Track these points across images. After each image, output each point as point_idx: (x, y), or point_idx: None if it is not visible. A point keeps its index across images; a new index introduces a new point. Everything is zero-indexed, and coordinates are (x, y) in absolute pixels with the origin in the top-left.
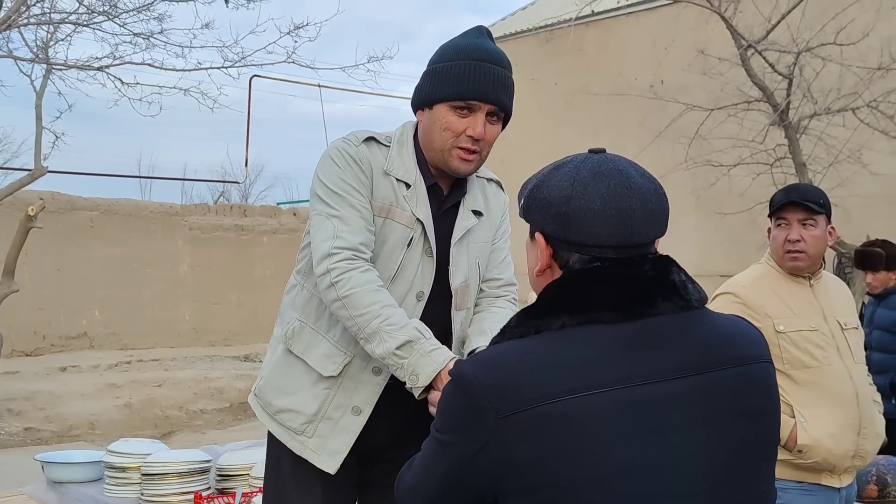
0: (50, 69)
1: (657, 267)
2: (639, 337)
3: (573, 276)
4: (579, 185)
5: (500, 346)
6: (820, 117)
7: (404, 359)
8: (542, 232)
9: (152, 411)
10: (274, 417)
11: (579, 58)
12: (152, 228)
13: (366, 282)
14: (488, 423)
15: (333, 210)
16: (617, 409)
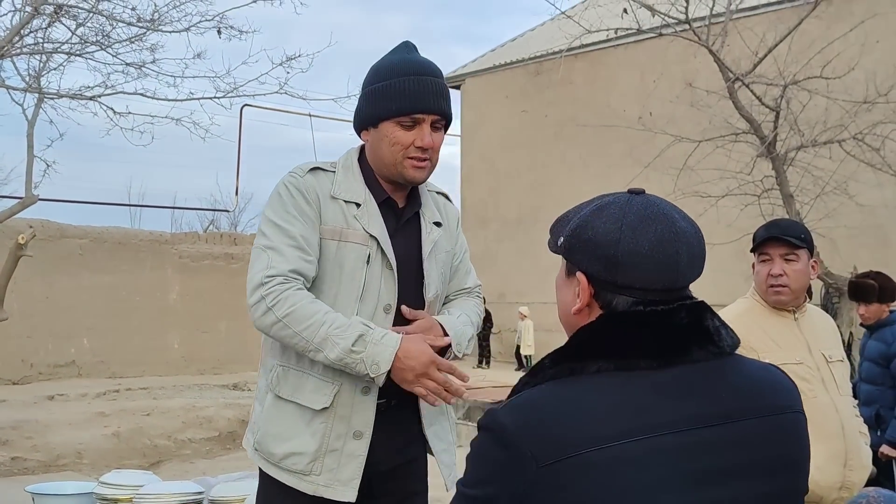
0: (42, 98)
1: (693, 313)
2: (674, 384)
3: (612, 318)
4: (627, 228)
5: (535, 392)
6: (807, 149)
7: (361, 353)
8: (584, 272)
9: (140, 440)
10: (279, 465)
11: (568, 89)
12: (142, 257)
13: (301, 298)
14: (528, 472)
15: (269, 242)
16: (655, 456)
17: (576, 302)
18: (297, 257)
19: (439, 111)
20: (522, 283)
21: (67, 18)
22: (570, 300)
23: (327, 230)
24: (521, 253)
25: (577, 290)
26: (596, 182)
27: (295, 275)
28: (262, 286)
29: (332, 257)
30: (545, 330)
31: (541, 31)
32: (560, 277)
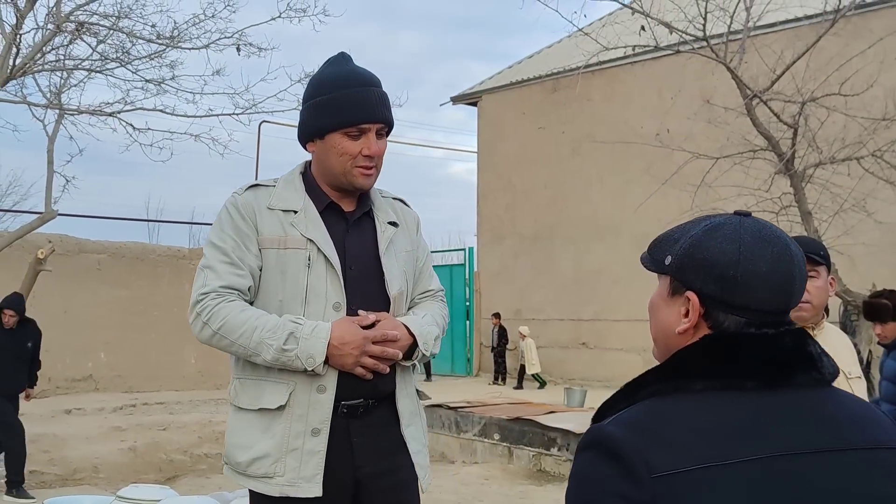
0: (62, 114)
1: (797, 338)
2: (781, 409)
3: (721, 338)
4: (746, 249)
5: (640, 407)
6: (825, 166)
7: (294, 349)
8: (697, 292)
9: (157, 455)
10: (245, 473)
11: (585, 106)
12: (160, 272)
13: (232, 308)
14: (643, 484)
15: (206, 261)
16: (762, 480)
17: (681, 322)
18: (228, 272)
19: (383, 120)
20: (538, 300)
21: (88, 36)
22: (674, 320)
23: (265, 240)
24: (538, 269)
25: (683, 310)
26: (613, 199)
27: (227, 289)
28: (198, 303)
29: (273, 265)
30: (561, 347)
31: (558, 48)
32: (660, 298)
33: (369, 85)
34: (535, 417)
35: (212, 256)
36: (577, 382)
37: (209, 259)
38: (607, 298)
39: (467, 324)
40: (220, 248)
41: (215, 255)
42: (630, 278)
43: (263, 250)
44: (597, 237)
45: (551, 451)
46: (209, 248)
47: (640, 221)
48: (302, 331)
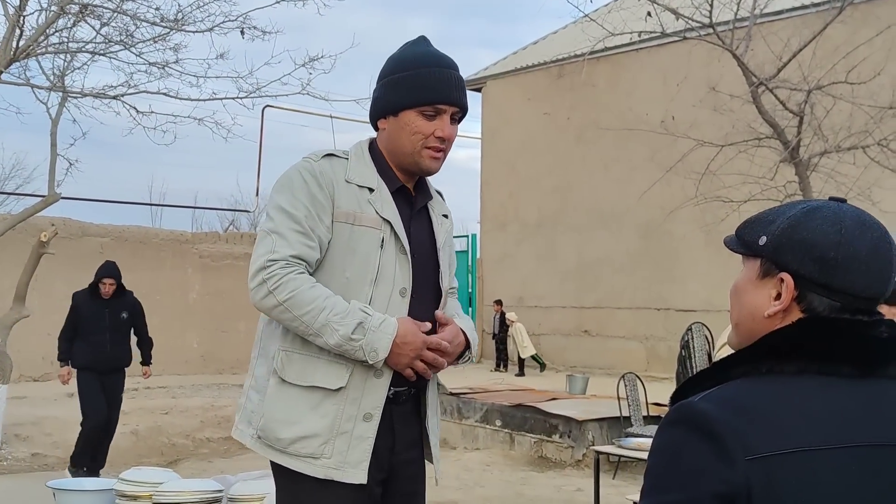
0: (66, 97)
1: (892, 328)
2: (875, 397)
3: (816, 322)
4: (847, 232)
5: (731, 386)
6: (830, 155)
7: (360, 340)
8: (793, 273)
9: (159, 439)
10: (286, 451)
11: (590, 93)
12: (162, 256)
13: (303, 282)
14: (738, 465)
15: (274, 226)
16: (858, 469)
17: (771, 305)
18: (300, 242)
19: (461, 104)
20: (541, 287)
21: (92, 18)
22: (764, 303)
23: (341, 213)
24: (541, 257)
25: (775, 293)
26: (617, 187)
27: (297, 260)
28: (264, 269)
29: (345, 241)
30: (563, 335)
31: (563, 33)
32: (748, 280)
33: (449, 67)
34: (536, 404)
35: (281, 222)
36: (579, 370)
37: (278, 224)
38: (610, 286)
39: (469, 311)
40: (291, 215)
41: (286, 221)
42: (633, 266)
43: (337, 223)
44: (600, 225)
45: (553, 438)
46: (278, 212)
47: (644, 209)
48: (371, 322)
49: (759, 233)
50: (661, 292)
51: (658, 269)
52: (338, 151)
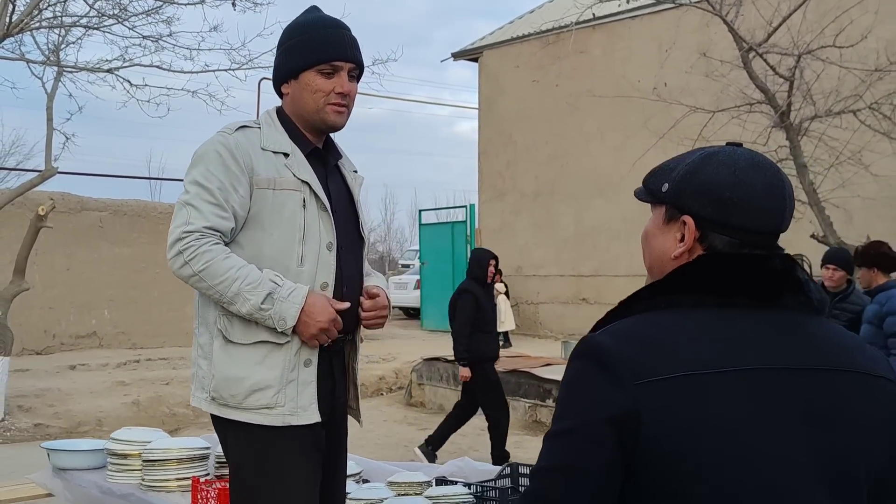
0: (61, 72)
1: (785, 262)
2: (767, 325)
3: (714, 257)
4: (741, 173)
5: (632, 320)
6: (821, 119)
7: (269, 310)
8: (694, 215)
9: (160, 408)
10: (242, 406)
11: (585, 61)
12: (161, 229)
13: (217, 253)
14: (628, 391)
15: (189, 198)
16: (748, 391)
17: (677, 246)
18: (214, 214)
19: (354, 60)
20: (539, 256)
21: None
22: (670, 245)
23: (261, 180)
24: (538, 226)
25: (679, 235)
26: (613, 154)
27: (211, 231)
28: (180, 241)
29: (269, 205)
30: (561, 303)
31: (558, 2)
32: (655, 226)
33: (340, 27)
34: (531, 370)
35: (196, 194)
36: (576, 338)
37: (192, 197)
38: (607, 254)
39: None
40: (205, 188)
41: (200, 193)
42: (629, 234)
43: (259, 190)
44: (597, 193)
45: (546, 403)
46: (192, 185)
47: (640, 176)
48: (280, 292)
49: (661, 181)
50: None
51: None
52: (250, 122)
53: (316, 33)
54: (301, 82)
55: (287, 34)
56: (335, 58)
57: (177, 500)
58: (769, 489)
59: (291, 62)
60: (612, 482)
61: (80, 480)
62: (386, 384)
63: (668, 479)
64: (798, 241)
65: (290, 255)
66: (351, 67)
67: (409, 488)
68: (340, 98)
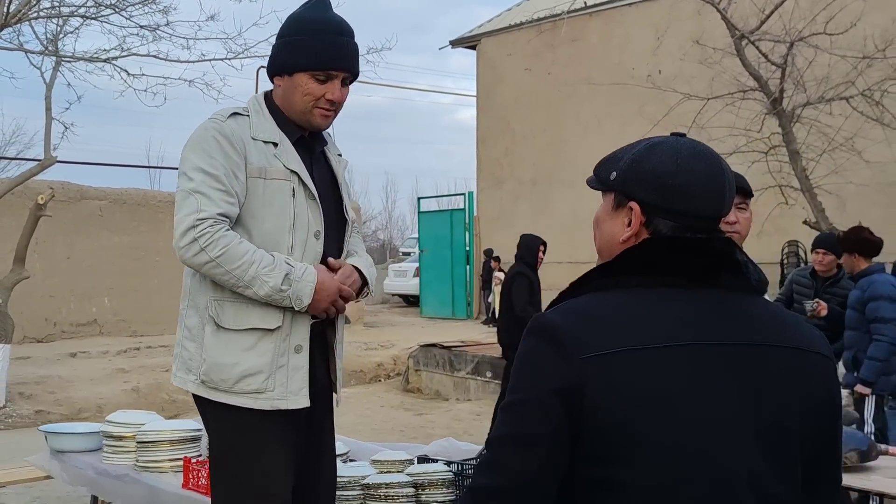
0: (59, 61)
1: (725, 246)
2: (706, 304)
3: (658, 241)
4: (683, 161)
5: (581, 299)
6: (814, 105)
7: (287, 291)
8: (640, 201)
9: (159, 395)
10: (232, 391)
11: (583, 49)
12: (160, 217)
13: (231, 238)
14: (574, 366)
15: (196, 186)
16: (685, 365)
17: (625, 231)
18: (223, 200)
19: (352, 70)
20: None
21: None
22: (619, 230)
23: (253, 169)
24: (536, 213)
25: (626, 220)
26: (611, 141)
27: (223, 217)
28: (194, 228)
29: (260, 194)
30: (558, 290)
31: None
32: (605, 212)
33: (345, 35)
34: None
35: (203, 182)
36: None
37: (199, 184)
38: None
39: (467, 268)
40: (212, 175)
41: (207, 180)
42: None
43: (250, 179)
44: None
45: None
46: (198, 172)
47: None
48: (295, 273)
49: (610, 169)
50: None
51: None
52: (240, 109)
53: (319, 38)
54: (294, 81)
55: (290, 27)
56: (332, 67)
57: (170, 479)
58: (704, 451)
59: (288, 59)
60: (561, 449)
61: (77, 462)
62: (384, 371)
63: (612, 445)
64: (791, 227)
65: (280, 243)
66: (346, 76)
67: (392, 466)
68: (329, 105)
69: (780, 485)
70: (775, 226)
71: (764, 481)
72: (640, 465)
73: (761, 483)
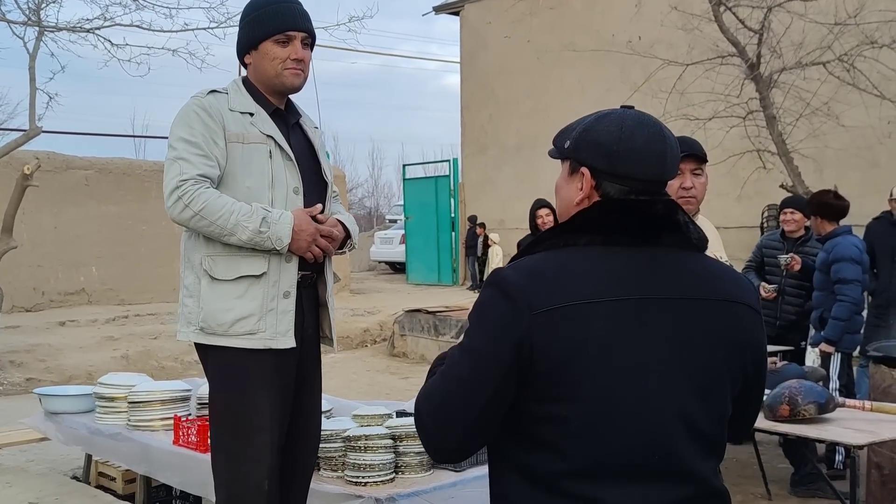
0: (42, 31)
1: (667, 208)
2: (649, 261)
3: (605, 204)
4: (626, 130)
5: (535, 257)
6: (790, 71)
7: (266, 232)
8: (589, 167)
9: (149, 362)
10: (228, 333)
11: (565, 14)
12: (146, 187)
13: (211, 194)
14: (525, 319)
15: (178, 153)
16: (627, 316)
17: (578, 195)
18: (202, 163)
19: (306, 29)
20: (522, 209)
21: None
22: (574, 194)
23: (232, 135)
24: (521, 179)
25: (579, 185)
26: (594, 106)
27: (203, 177)
28: (178, 188)
29: (239, 157)
30: None
31: None
32: (562, 179)
33: (291, 2)
34: None
35: (184, 149)
36: None
37: (181, 151)
38: None
39: (452, 235)
40: (191, 143)
41: (188, 147)
42: None
43: (230, 144)
44: None
45: None
46: (179, 142)
47: None
48: (272, 216)
49: (565, 139)
50: None
51: None
52: (219, 88)
53: (270, 8)
54: (260, 52)
55: (246, 10)
56: (289, 28)
57: (161, 437)
58: (638, 392)
59: (251, 34)
60: (503, 395)
61: (71, 423)
62: (370, 336)
63: (555, 386)
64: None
65: (261, 199)
66: (303, 36)
67: (372, 420)
68: (295, 64)
69: (711, 424)
70: (755, 189)
71: (697, 422)
72: (579, 402)
73: (694, 422)
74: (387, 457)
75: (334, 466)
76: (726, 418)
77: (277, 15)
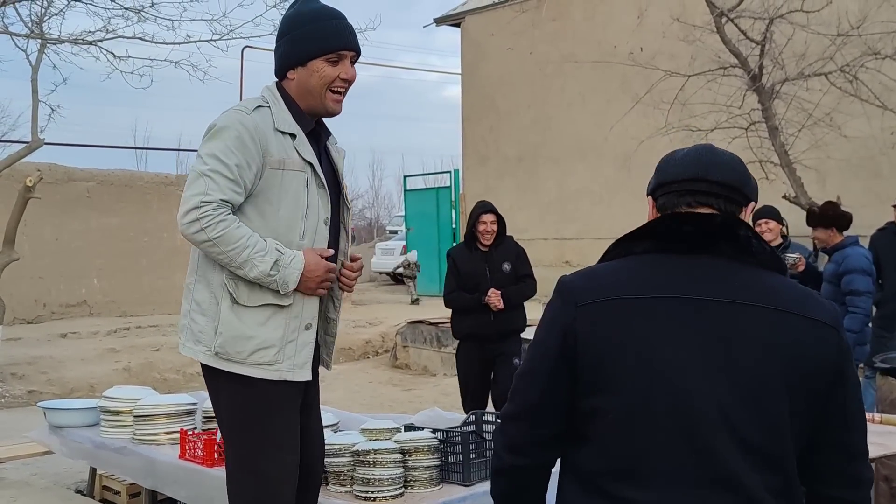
0: (45, 44)
1: (727, 221)
2: (696, 266)
3: (663, 217)
4: (671, 154)
5: (598, 264)
6: (792, 82)
7: (275, 276)
8: (650, 194)
9: (150, 374)
10: (246, 362)
11: (567, 25)
12: (148, 199)
13: (230, 222)
14: (571, 311)
15: (207, 168)
16: (664, 314)
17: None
18: (229, 188)
19: (358, 48)
20: (523, 220)
21: None
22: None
23: (273, 161)
24: (522, 190)
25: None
26: (594, 119)
27: (226, 203)
28: (198, 209)
29: (278, 184)
30: (545, 266)
31: None
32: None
33: (343, 18)
34: None
35: (214, 167)
36: None
37: (210, 169)
38: (589, 217)
39: (453, 246)
40: (224, 163)
41: (218, 167)
42: (611, 197)
43: (270, 170)
44: (579, 157)
45: None
46: (212, 159)
47: (621, 141)
48: (283, 260)
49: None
50: (638, 222)
51: (635, 199)
52: (261, 101)
53: (322, 24)
54: (309, 69)
55: (290, 24)
56: (342, 47)
57: (167, 451)
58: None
59: (300, 51)
60: (559, 379)
61: (76, 436)
62: (372, 347)
63: (598, 377)
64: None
65: (294, 229)
66: (353, 55)
67: (380, 434)
68: (343, 84)
69: (756, 431)
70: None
71: (736, 422)
72: (619, 394)
73: (732, 422)
74: (396, 471)
75: (343, 481)
76: (785, 432)
77: (330, 32)
